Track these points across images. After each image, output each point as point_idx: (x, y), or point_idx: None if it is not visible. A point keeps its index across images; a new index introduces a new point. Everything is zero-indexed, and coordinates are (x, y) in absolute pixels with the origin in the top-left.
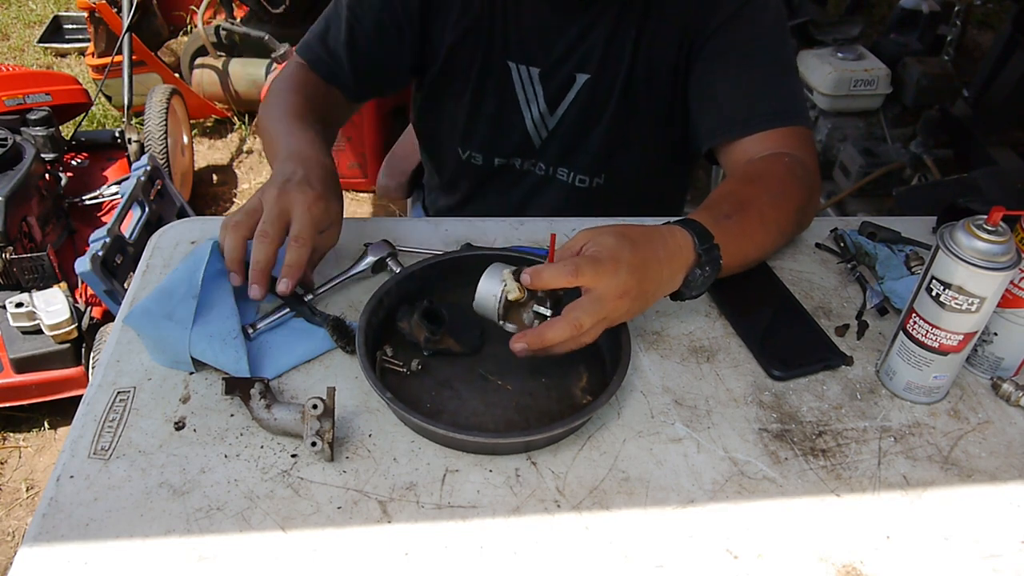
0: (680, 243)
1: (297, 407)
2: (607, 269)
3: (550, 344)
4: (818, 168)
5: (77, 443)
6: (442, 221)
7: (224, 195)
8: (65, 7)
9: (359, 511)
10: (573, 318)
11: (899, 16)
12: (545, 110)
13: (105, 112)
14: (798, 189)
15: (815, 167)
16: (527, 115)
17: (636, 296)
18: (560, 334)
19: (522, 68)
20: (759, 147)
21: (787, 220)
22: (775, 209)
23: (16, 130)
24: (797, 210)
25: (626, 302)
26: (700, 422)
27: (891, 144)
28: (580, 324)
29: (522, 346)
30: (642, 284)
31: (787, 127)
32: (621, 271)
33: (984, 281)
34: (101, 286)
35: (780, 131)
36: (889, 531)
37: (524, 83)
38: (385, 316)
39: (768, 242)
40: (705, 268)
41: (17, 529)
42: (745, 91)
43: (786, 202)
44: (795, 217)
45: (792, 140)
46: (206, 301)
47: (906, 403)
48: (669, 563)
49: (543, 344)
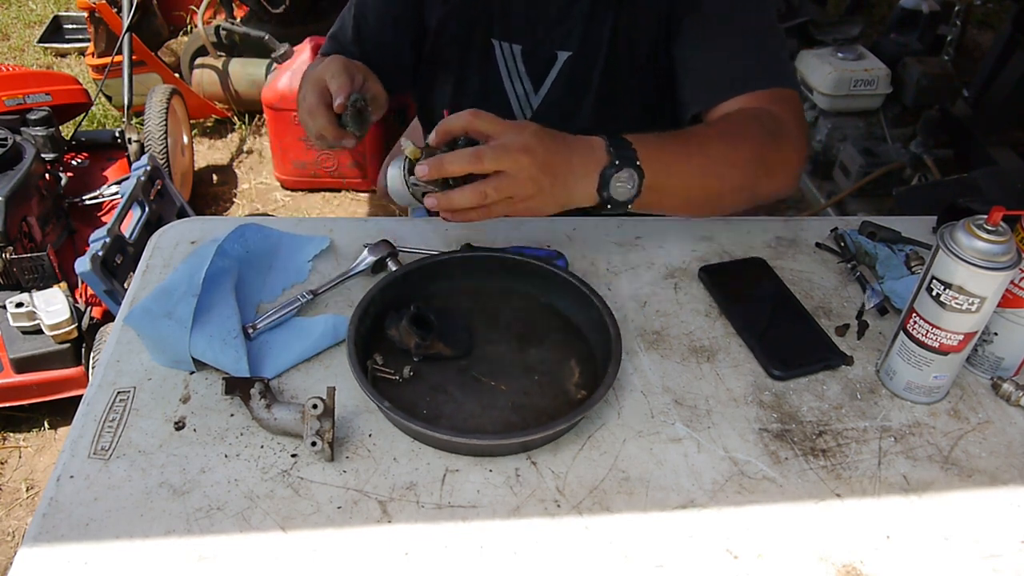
0: (593, 144)
1: (297, 407)
2: (511, 156)
3: (457, 207)
4: (800, 128)
5: (77, 443)
6: (442, 221)
7: (224, 195)
8: (65, 7)
9: (359, 511)
10: (479, 186)
11: (899, 16)
12: (530, 88)
13: (105, 112)
14: (760, 134)
15: (795, 125)
16: (511, 93)
17: (544, 174)
18: (466, 199)
19: (505, 45)
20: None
21: (741, 158)
22: (725, 143)
23: (16, 130)
24: (756, 153)
25: (533, 185)
26: (700, 422)
27: (891, 144)
28: (485, 193)
29: (433, 201)
30: (550, 167)
31: (768, 89)
32: (525, 158)
33: (984, 281)
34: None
35: (760, 93)
36: (889, 531)
37: (507, 61)
38: (372, 324)
39: (715, 173)
40: (620, 169)
41: (17, 529)
42: (725, 57)
43: (742, 141)
44: (752, 157)
45: (772, 101)
46: (206, 301)
47: (906, 403)
48: (669, 563)
49: (450, 206)
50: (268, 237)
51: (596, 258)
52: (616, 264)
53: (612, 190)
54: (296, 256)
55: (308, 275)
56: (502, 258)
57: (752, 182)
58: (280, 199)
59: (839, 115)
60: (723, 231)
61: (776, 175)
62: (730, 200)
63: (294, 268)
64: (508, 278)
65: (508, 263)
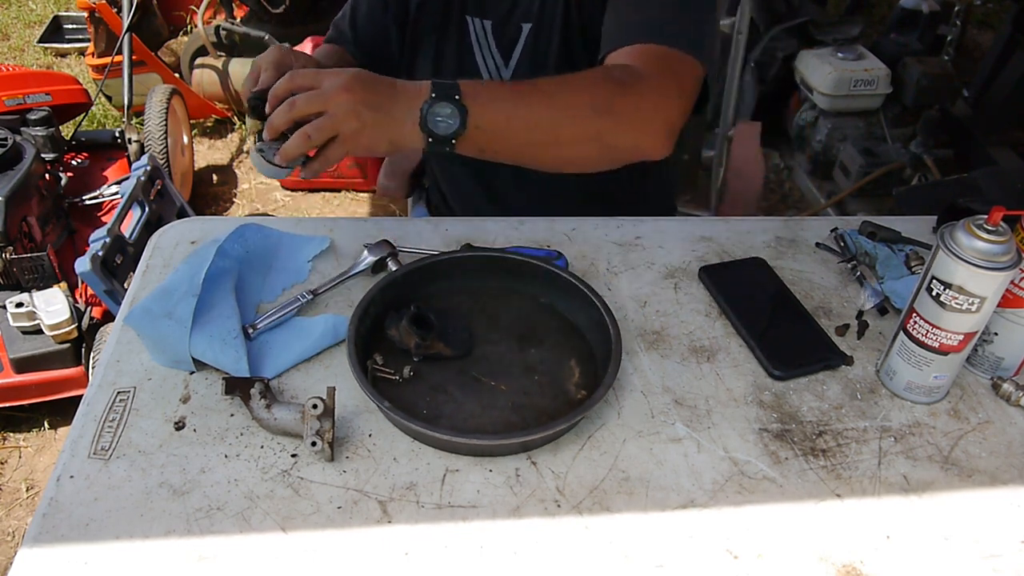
0: (421, 85)
1: (297, 407)
2: (326, 96)
3: (291, 156)
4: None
5: (77, 443)
6: (442, 221)
7: (224, 195)
8: (65, 7)
9: (359, 511)
10: (303, 130)
11: (899, 16)
12: (500, 62)
13: (105, 112)
14: (606, 83)
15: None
16: (483, 69)
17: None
18: (293, 145)
19: (476, 21)
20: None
21: (577, 102)
22: (562, 89)
23: (16, 130)
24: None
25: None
26: (700, 422)
27: (891, 144)
28: (307, 135)
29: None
30: (372, 102)
31: (648, 44)
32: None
33: (984, 281)
34: (101, 286)
35: (639, 47)
36: (889, 531)
37: (479, 36)
38: (372, 324)
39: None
40: (438, 102)
41: (17, 529)
42: (623, 13)
43: (582, 88)
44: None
45: (649, 57)
46: (206, 301)
47: (906, 403)
48: (669, 563)
49: (286, 157)
50: (268, 237)
51: (596, 258)
52: (616, 264)
53: (432, 124)
54: (296, 256)
55: (308, 275)
56: (502, 258)
57: (595, 131)
58: (280, 199)
59: (839, 115)
60: (723, 231)
61: (626, 127)
62: (574, 149)
63: (294, 268)
64: (508, 278)
65: (508, 263)
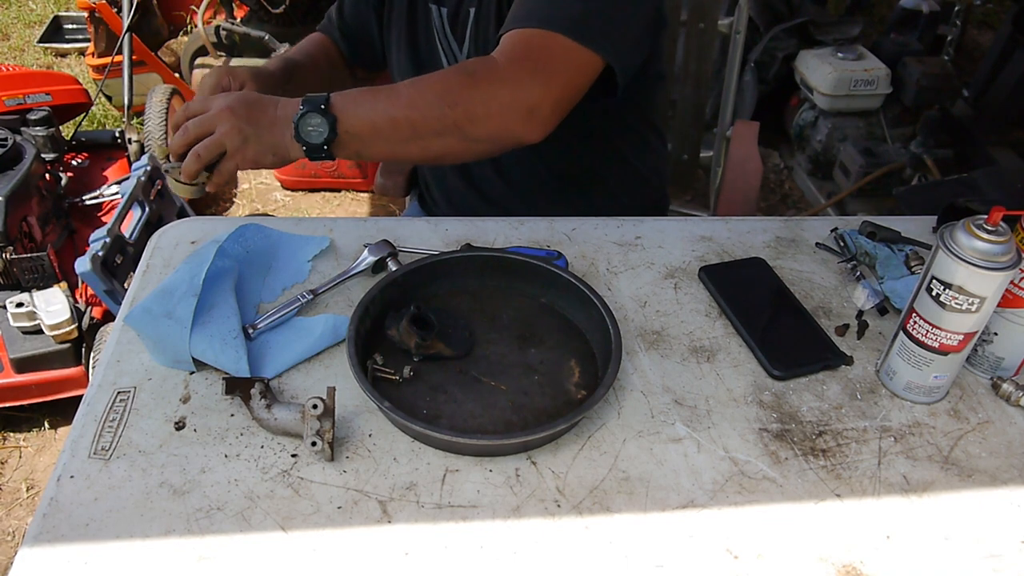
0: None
1: (297, 407)
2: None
3: (190, 173)
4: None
5: (77, 443)
6: (442, 221)
7: (224, 195)
8: (65, 7)
9: (359, 511)
10: (194, 150)
11: (899, 16)
12: (456, 47)
13: (105, 112)
14: (454, 75)
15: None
16: (443, 54)
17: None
18: (189, 164)
19: (434, 8)
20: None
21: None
22: (413, 86)
23: (16, 130)
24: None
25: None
26: (700, 422)
27: (891, 144)
28: (198, 154)
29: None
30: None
31: (521, 29)
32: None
33: (984, 281)
34: (101, 286)
35: (515, 33)
36: (889, 531)
37: (438, 23)
38: (372, 324)
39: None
40: (311, 114)
41: (17, 529)
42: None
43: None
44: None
45: (513, 42)
46: (207, 301)
47: (906, 403)
48: (669, 563)
49: (187, 175)
50: (268, 237)
51: (596, 258)
52: (616, 264)
53: (305, 134)
54: (296, 256)
55: (308, 275)
56: (502, 258)
57: (451, 123)
58: (280, 199)
59: (839, 115)
60: (723, 231)
61: (481, 116)
62: (438, 142)
63: (294, 268)
64: (508, 278)
65: (508, 263)
